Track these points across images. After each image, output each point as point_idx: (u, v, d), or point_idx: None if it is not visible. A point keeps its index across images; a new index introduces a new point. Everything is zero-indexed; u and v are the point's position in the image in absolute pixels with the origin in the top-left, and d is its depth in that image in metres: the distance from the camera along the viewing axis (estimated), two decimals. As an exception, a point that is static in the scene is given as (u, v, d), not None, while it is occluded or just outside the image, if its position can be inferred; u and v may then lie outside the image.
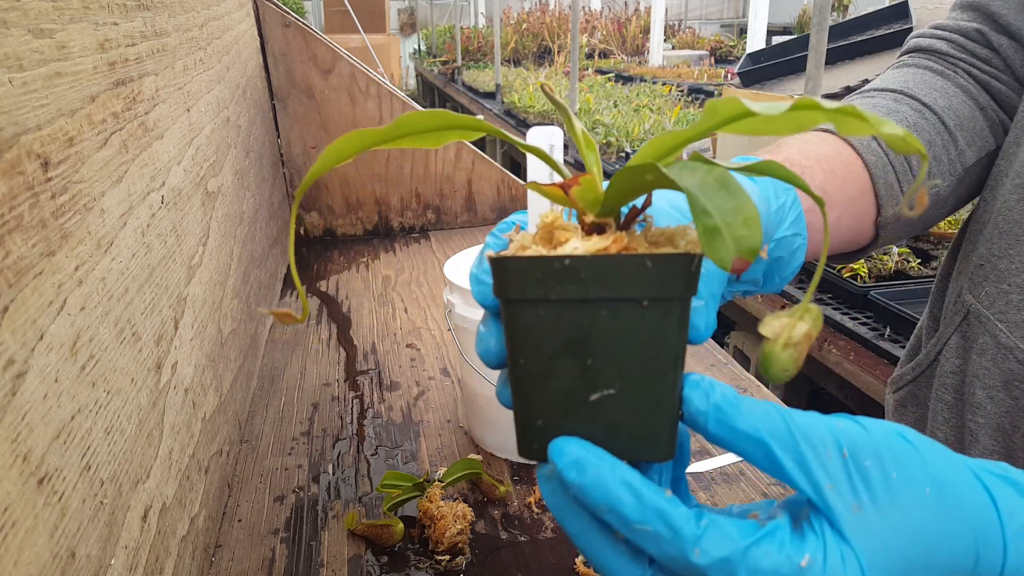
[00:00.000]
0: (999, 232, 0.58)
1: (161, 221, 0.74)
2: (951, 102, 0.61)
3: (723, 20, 13.82)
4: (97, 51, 0.61)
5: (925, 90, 0.61)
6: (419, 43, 13.52)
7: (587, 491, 0.33)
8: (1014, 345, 0.56)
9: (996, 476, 0.36)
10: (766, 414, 0.36)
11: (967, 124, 0.61)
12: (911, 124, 0.59)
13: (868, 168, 0.57)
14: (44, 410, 0.45)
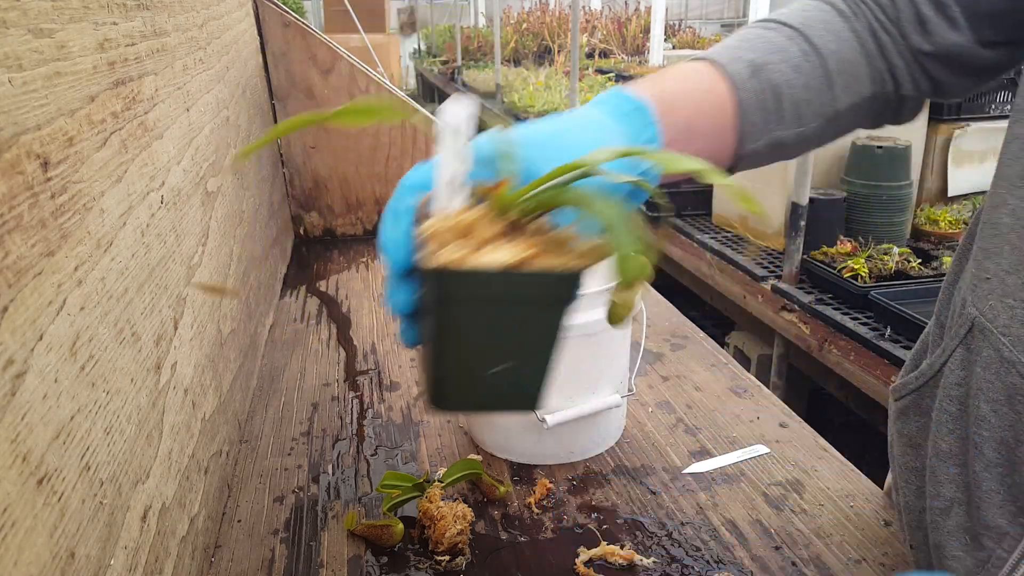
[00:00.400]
0: (1011, 247, 0.58)
1: (161, 221, 0.74)
2: (840, 47, 0.64)
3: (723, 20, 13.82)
4: (97, 51, 0.61)
5: (821, 31, 0.64)
6: (419, 43, 13.51)
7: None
8: (1017, 359, 0.56)
9: None
10: None
11: (848, 69, 0.64)
12: (795, 65, 0.63)
13: (738, 106, 0.62)
14: (44, 410, 0.45)
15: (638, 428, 0.98)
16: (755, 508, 0.82)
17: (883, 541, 0.77)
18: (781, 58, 0.63)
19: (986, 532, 0.57)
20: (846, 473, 0.88)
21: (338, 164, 1.75)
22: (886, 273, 2.42)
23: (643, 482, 0.87)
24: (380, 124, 1.73)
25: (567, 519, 0.81)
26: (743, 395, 1.05)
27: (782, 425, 0.98)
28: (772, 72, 0.62)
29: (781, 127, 0.64)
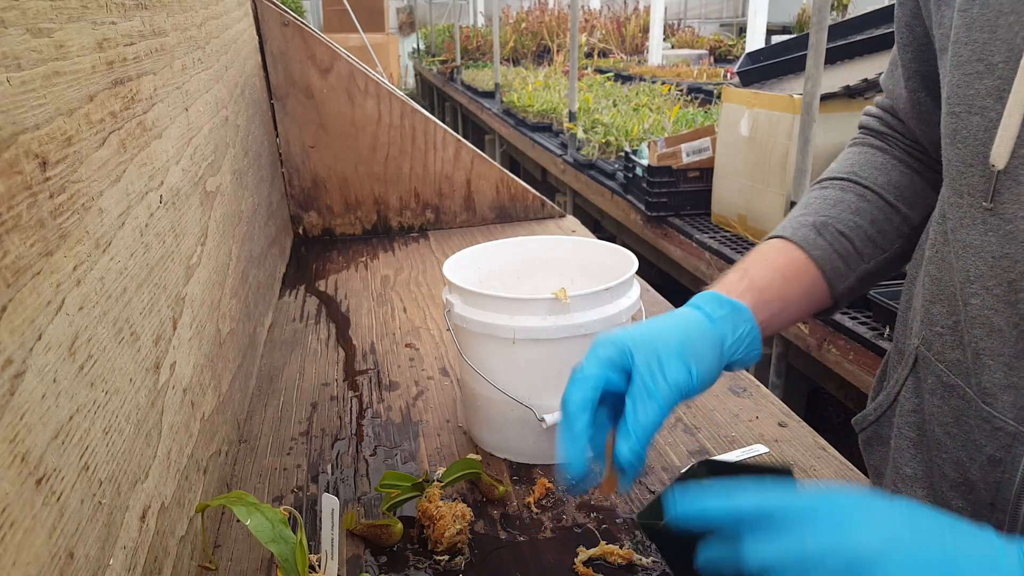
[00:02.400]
0: (930, 279, 0.64)
1: (159, 221, 0.74)
2: (890, 176, 0.73)
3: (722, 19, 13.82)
4: (95, 50, 0.61)
5: (868, 171, 0.73)
6: (418, 42, 13.51)
7: None
8: (955, 383, 0.61)
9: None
10: None
11: (907, 192, 0.72)
12: (855, 209, 0.71)
13: (816, 263, 0.70)
14: (42, 410, 0.45)
15: (637, 427, 0.98)
16: (754, 507, 0.82)
17: (882, 540, 0.77)
18: (840, 209, 0.72)
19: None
20: (845, 472, 0.88)
21: (337, 164, 1.75)
22: (885, 272, 2.42)
23: (642, 481, 0.87)
24: (379, 124, 1.73)
25: (566, 519, 0.81)
26: (742, 394, 1.05)
27: (781, 424, 0.98)
28: (835, 223, 0.71)
29: (863, 262, 0.72)
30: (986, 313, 0.55)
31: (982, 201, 0.54)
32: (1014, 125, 0.50)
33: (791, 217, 0.73)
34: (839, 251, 0.70)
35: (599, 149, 4.51)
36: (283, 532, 0.63)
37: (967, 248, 0.56)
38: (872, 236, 0.71)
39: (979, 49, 0.53)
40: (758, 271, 0.68)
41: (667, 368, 0.56)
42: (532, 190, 1.88)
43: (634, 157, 3.64)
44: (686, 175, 3.35)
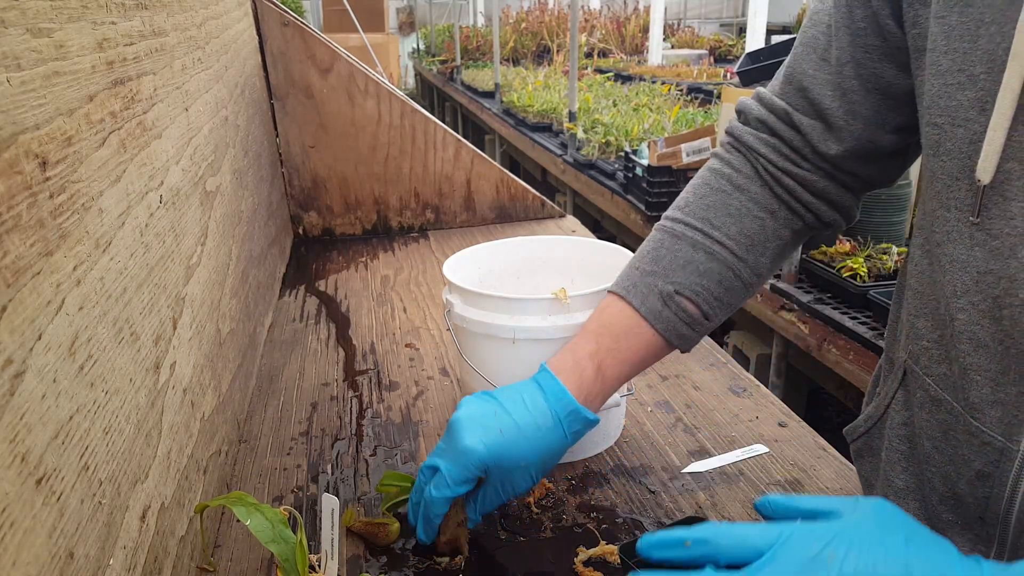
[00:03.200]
0: (913, 293, 0.64)
1: (159, 221, 0.74)
2: (742, 225, 0.72)
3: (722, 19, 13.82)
4: (95, 50, 0.61)
5: (721, 219, 0.72)
6: (418, 42, 13.51)
7: None
8: (942, 397, 0.61)
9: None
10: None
11: (758, 239, 0.72)
12: (704, 271, 0.72)
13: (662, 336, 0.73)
14: (42, 410, 0.45)
15: (637, 428, 0.98)
16: (754, 507, 0.82)
17: (882, 540, 0.77)
18: (688, 272, 0.72)
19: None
20: (845, 472, 0.88)
21: (337, 164, 1.75)
22: (885, 272, 2.42)
23: (642, 481, 0.87)
24: (379, 124, 1.73)
25: (566, 519, 0.81)
26: (742, 394, 1.05)
27: (781, 424, 0.98)
28: (684, 291, 0.72)
29: (713, 320, 0.74)
30: (972, 328, 0.55)
31: (969, 216, 0.53)
32: (998, 140, 0.49)
33: (639, 270, 0.74)
34: (685, 321, 0.73)
35: (599, 149, 4.51)
36: (283, 532, 0.63)
37: (953, 263, 0.55)
38: (719, 296, 0.73)
39: (960, 59, 0.52)
40: (611, 367, 0.74)
41: (516, 485, 0.72)
42: (532, 190, 1.88)
43: (634, 157, 3.64)
44: (686, 175, 3.34)
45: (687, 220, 0.74)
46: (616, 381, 0.75)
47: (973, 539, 0.58)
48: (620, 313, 0.74)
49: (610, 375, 0.74)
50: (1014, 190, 0.50)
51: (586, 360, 0.73)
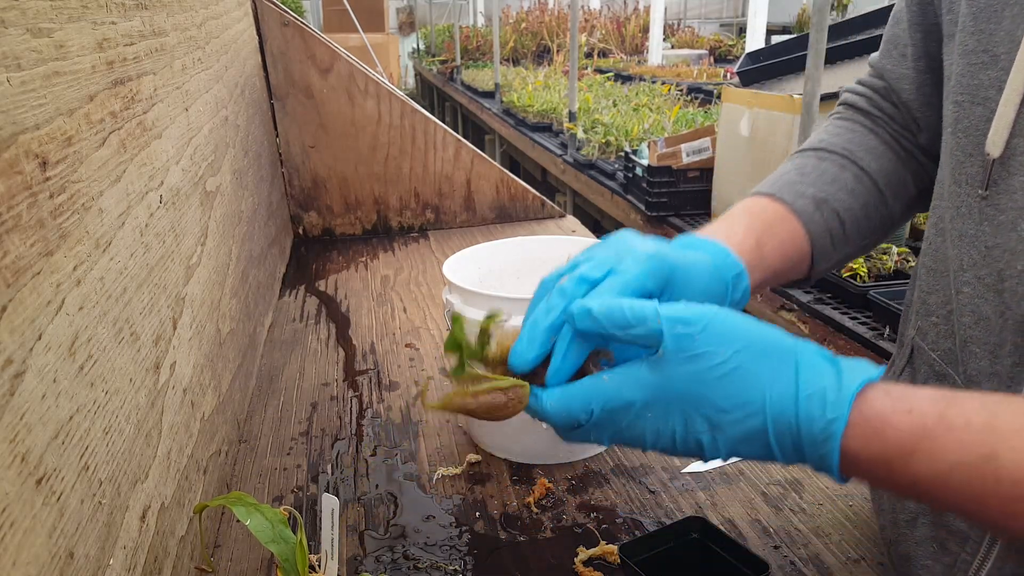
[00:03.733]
0: (927, 271, 0.64)
1: (159, 221, 0.74)
2: (882, 163, 0.71)
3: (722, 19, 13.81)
4: (95, 50, 0.61)
5: (863, 152, 0.71)
6: (418, 42, 13.51)
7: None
8: (947, 372, 0.62)
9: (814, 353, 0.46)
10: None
11: (894, 180, 0.71)
12: (852, 191, 0.70)
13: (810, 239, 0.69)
14: (42, 410, 0.45)
15: (637, 428, 0.98)
16: (754, 507, 0.82)
17: (882, 540, 0.77)
18: (837, 187, 0.70)
19: (951, 537, 0.61)
20: (845, 472, 0.88)
21: (337, 164, 1.75)
22: (885, 272, 2.42)
23: (642, 481, 0.87)
24: (379, 124, 1.73)
25: (566, 519, 0.81)
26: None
27: (781, 424, 0.98)
28: (833, 203, 0.69)
29: (847, 246, 0.71)
30: (975, 301, 0.56)
31: (978, 190, 0.54)
32: (1009, 115, 0.51)
33: (786, 179, 0.70)
34: (832, 232, 0.69)
35: (599, 149, 4.51)
36: (283, 532, 0.63)
37: (962, 237, 0.56)
38: (860, 221, 0.71)
39: (984, 39, 0.54)
40: (770, 244, 0.66)
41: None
42: (532, 190, 1.88)
43: (634, 157, 3.64)
44: (686, 175, 3.35)
45: (829, 147, 0.72)
46: (774, 261, 0.66)
47: None
48: (770, 206, 0.68)
49: (768, 252, 0.65)
50: (1017, 164, 0.51)
51: (743, 233, 0.64)
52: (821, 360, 0.46)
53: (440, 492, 0.86)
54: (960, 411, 0.43)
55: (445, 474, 0.89)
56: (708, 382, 0.46)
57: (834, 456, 0.44)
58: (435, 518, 0.82)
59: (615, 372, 0.48)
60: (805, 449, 0.45)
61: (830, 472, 0.45)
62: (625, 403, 0.47)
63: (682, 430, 0.47)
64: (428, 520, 0.81)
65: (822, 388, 0.44)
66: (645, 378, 0.47)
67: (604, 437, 0.50)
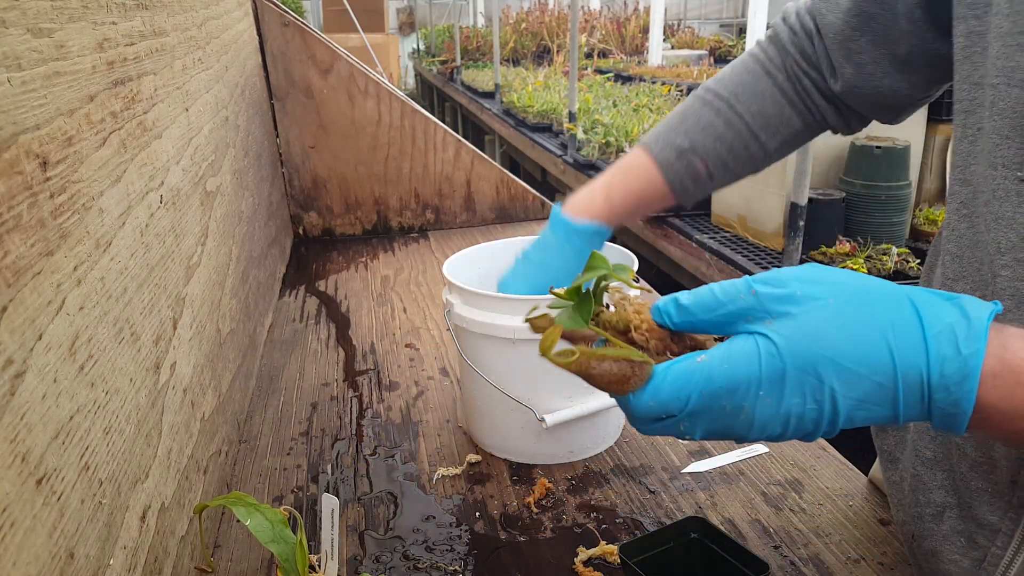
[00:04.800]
0: (952, 257, 0.63)
1: (160, 221, 0.74)
2: (763, 105, 0.79)
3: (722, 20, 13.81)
4: (96, 50, 0.61)
5: (746, 96, 0.80)
6: (418, 42, 13.51)
7: None
8: None
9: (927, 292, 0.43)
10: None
11: (774, 121, 0.80)
12: (718, 136, 0.80)
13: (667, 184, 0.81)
14: (43, 410, 0.45)
15: (637, 428, 0.98)
16: (754, 507, 0.82)
17: (882, 540, 0.77)
18: (705, 135, 0.80)
19: (980, 531, 0.59)
20: (845, 472, 0.88)
21: (337, 164, 1.75)
22: (885, 273, 2.42)
23: (642, 481, 0.87)
24: (379, 125, 1.73)
25: (566, 519, 0.81)
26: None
27: (781, 425, 0.98)
28: (699, 150, 0.80)
29: (710, 183, 0.82)
30: (1015, 284, 0.54)
31: (1016, 172, 0.54)
32: None
33: (665, 127, 0.83)
34: (691, 176, 0.80)
35: (599, 149, 4.51)
36: (283, 532, 0.63)
37: (999, 220, 0.55)
38: (727, 162, 0.80)
39: (1020, 21, 0.53)
40: (618, 194, 0.82)
41: None
42: (532, 190, 1.88)
43: (634, 157, 3.64)
44: (686, 175, 3.34)
45: (717, 91, 0.82)
46: (623, 207, 0.82)
47: (1004, 506, 0.57)
48: (637, 159, 0.83)
49: (617, 200, 0.82)
50: None
51: (597, 190, 0.83)
52: (937, 298, 0.42)
53: (440, 492, 0.86)
54: None
55: (445, 474, 0.89)
56: (826, 341, 0.42)
57: (970, 401, 0.40)
58: (435, 518, 0.82)
59: (715, 351, 0.44)
60: (936, 397, 0.41)
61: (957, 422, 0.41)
62: (731, 384, 0.43)
63: (799, 403, 0.43)
64: (428, 520, 0.81)
65: (949, 324, 0.41)
66: (754, 351, 0.43)
67: (697, 428, 0.45)
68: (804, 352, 0.42)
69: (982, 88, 0.57)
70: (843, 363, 0.41)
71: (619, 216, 0.82)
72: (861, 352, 0.41)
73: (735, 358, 0.43)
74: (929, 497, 0.65)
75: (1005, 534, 0.57)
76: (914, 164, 2.83)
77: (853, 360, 0.41)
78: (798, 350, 0.42)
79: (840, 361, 0.41)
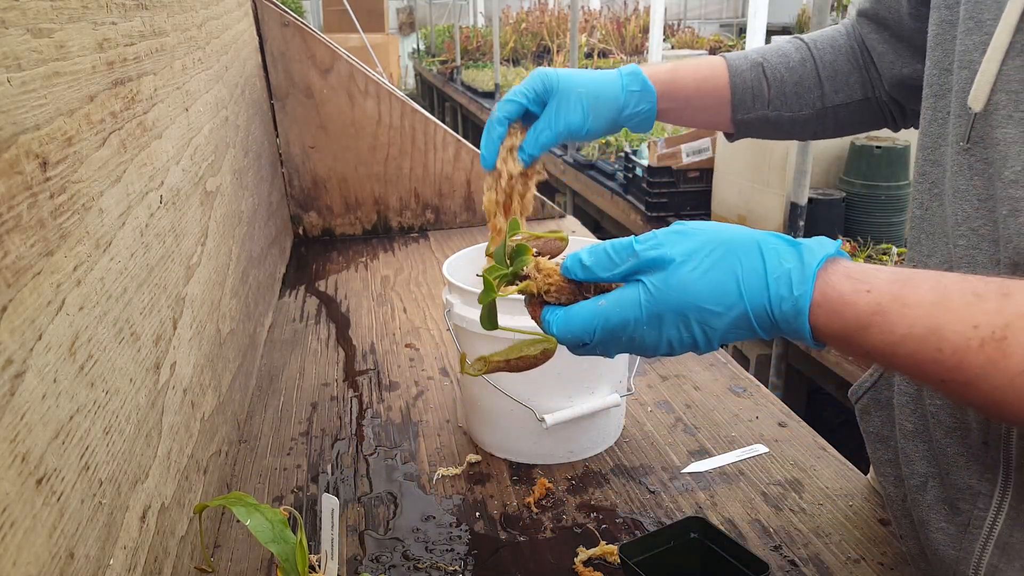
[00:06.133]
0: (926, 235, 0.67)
1: (160, 221, 0.74)
2: (836, 58, 0.82)
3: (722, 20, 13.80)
4: (96, 50, 0.61)
5: (823, 45, 0.83)
6: (418, 42, 13.50)
7: None
8: None
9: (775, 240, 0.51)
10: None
11: (839, 76, 0.82)
12: (790, 67, 0.83)
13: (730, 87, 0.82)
14: (43, 410, 0.45)
15: (637, 428, 0.98)
16: (754, 507, 0.82)
17: (882, 540, 0.77)
18: (780, 60, 0.83)
19: (961, 496, 0.61)
20: (845, 472, 0.88)
21: (337, 164, 1.75)
22: (885, 273, 2.42)
23: (642, 481, 0.87)
24: (379, 124, 1.73)
25: (566, 519, 0.81)
26: (742, 395, 1.05)
27: (781, 424, 0.98)
28: (768, 68, 0.82)
29: (770, 110, 0.83)
30: (971, 252, 0.58)
31: (961, 143, 0.58)
32: (991, 71, 0.54)
33: (748, 50, 0.86)
34: (754, 88, 0.82)
35: (599, 149, 4.51)
36: (283, 532, 0.63)
37: (957, 193, 0.59)
38: (788, 95, 0.83)
39: (971, 7, 0.57)
40: (685, 72, 0.82)
41: (570, 114, 0.75)
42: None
43: (634, 157, 3.64)
44: (686, 175, 3.35)
45: (802, 37, 0.86)
46: (682, 86, 0.82)
47: (980, 469, 0.59)
48: (713, 60, 0.85)
49: (680, 77, 0.82)
50: (1000, 118, 0.54)
51: (667, 64, 0.83)
52: (783, 244, 0.51)
53: (440, 492, 0.86)
54: (914, 289, 0.48)
55: (445, 474, 0.89)
56: (689, 289, 0.51)
57: (806, 329, 0.50)
58: (435, 518, 0.82)
59: (610, 296, 0.54)
60: (781, 326, 0.50)
61: (807, 342, 0.51)
62: (622, 322, 0.53)
63: (676, 334, 0.53)
64: (428, 520, 0.81)
65: (787, 270, 0.50)
66: (637, 298, 0.52)
67: (611, 351, 0.56)
68: (674, 299, 0.51)
69: (950, 73, 0.61)
70: (705, 305, 0.51)
71: (674, 91, 0.81)
72: (718, 296, 0.51)
73: (624, 303, 0.53)
74: (912, 469, 0.67)
75: (985, 495, 0.59)
76: (914, 164, 2.83)
77: (713, 302, 0.51)
78: (668, 298, 0.51)
79: (702, 304, 0.51)
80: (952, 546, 0.62)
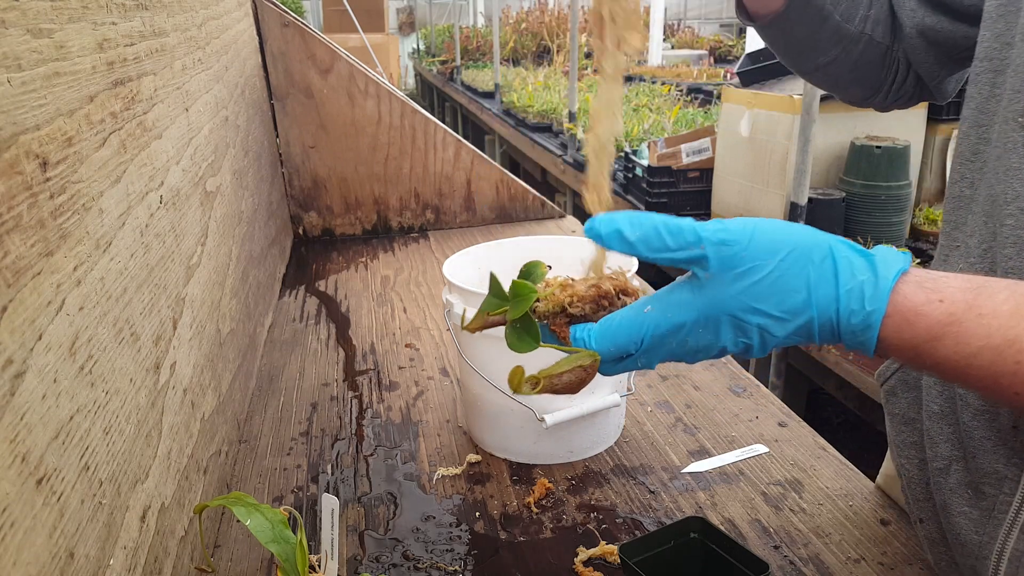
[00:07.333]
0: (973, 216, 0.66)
1: (160, 221, 0.74)
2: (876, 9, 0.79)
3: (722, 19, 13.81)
4: (96, 51, 0.61)
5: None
6: (418, 42, 13.51)
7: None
8: None
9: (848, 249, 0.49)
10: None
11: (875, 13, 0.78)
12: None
13: None
14: (43, 410, 0.45)
15: (637, 427, 0.98)
16: (754, 507, 0.82)
17: (882, 540, 0.77)
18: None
19: (986, 480, 0.60)
20: (845, 472, 0.88)
21: (337, 164, 1.75)
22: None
23: (642, 481, 0.87)
24: (379, 125, 1.73)
25: (566, 519, 0.81)
26: (742, 394, 1.05)
27: (781, 424, 0.98)
28: None
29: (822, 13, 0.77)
30: (1017, 232, 0.57)
31: (1019, 118, 0.57)
32: None
33: None
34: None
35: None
36: (283, 532, 0.63)
37: (1008, 172, 0.58)
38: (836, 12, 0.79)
39: None
40: None
41: None
42: (532, 190, 1.88)
43: (634, 157, 3.64)
44: (686, 175, 3.35)
45: None
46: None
47: (1008, 453, 0.59)
48: None
49: None
50: None
51: None
52: (855, 254, 0.49)
53: (440, 492, 0.86)
54: (989, 298, 0.46)
55: (445, 474, 0.89)
56: (757, 295, 0.48)
57: (872, 343, 0.48)
58: (435, 518, 0.82)
59: (658, 299, 0.51)
60: (844, 338, 0.49)
61: (865, 353, 0.49)
62: (674, 327, 0.50)
63: (732, 338, 0.50)
64: (428, 520, 0.81)
65: (860, 282, 0.48)
66: (693, 300, 0.49)
67: (654, 360, 0.54)
68: (739, 302, 0.49)
69: (1012, 47, 0.59)
70: (772, 312, 0.49)
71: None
72: (786, 303, 0.49)
73: (678, 305, 0.50)
74: (936, 451, 0.66)
75: (1012, 480, 0.58)
76: (914, 164, 2.83)
77: (779, 309, 0.49)
78: (733, 301, 0.49)
79: (768, 310, 0.49)
80: (975, 531, 0.61)
